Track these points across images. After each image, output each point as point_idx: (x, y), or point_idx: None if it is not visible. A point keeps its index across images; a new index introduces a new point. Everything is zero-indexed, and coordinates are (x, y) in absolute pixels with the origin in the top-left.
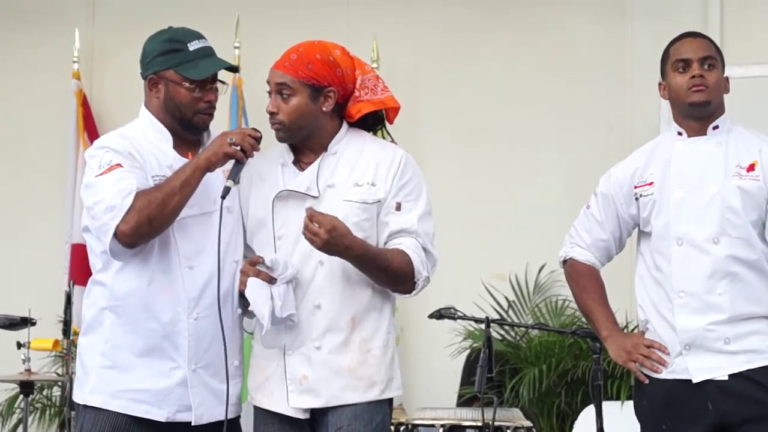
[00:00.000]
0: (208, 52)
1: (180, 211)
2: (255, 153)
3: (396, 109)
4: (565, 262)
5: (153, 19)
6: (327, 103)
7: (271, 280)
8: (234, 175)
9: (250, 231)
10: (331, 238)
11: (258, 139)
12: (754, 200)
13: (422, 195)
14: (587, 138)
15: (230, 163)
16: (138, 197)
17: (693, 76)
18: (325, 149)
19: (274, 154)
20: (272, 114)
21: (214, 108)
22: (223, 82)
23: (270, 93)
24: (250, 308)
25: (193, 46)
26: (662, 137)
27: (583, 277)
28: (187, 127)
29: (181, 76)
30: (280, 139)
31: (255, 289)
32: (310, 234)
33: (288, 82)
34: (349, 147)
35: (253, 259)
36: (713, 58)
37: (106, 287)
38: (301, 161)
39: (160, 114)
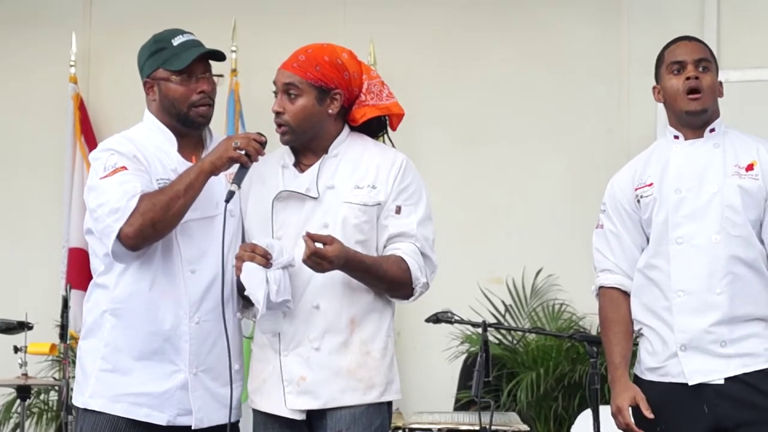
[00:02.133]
0: (192, 44)
1: (184, 215)
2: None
3: (400, 116)
4: (597, 294)
5: (150, 23)
6: (333, 105)
7: (267, 265)
8: (238, 180)
9: (249, 231)
10: (336, 259)
11: (263, 144)
12: (753, 199)
13: (422, 199)
14: (584, 142)
15: (234, 167)
16: (142, 200)
17: (688, 78)
18: (326, 151)
19: (275, 156)
20: (278, 114)
21: (211, 99)
22: (218, 75)
23: (276, 93)
24: (245, 293)
25: (177, 41)
26: (658, 142)
27: (606, 310)
28: (185, 123)
29: (168, 71)
30: (285, 141)
31: (250, 273)
32: (316, 257)
33: (296, 83)
34: (350, 149)
35: (248, 245)
36: (708, 61)
37: (107, 290)
38: (301, 163)
39: (160, 115)
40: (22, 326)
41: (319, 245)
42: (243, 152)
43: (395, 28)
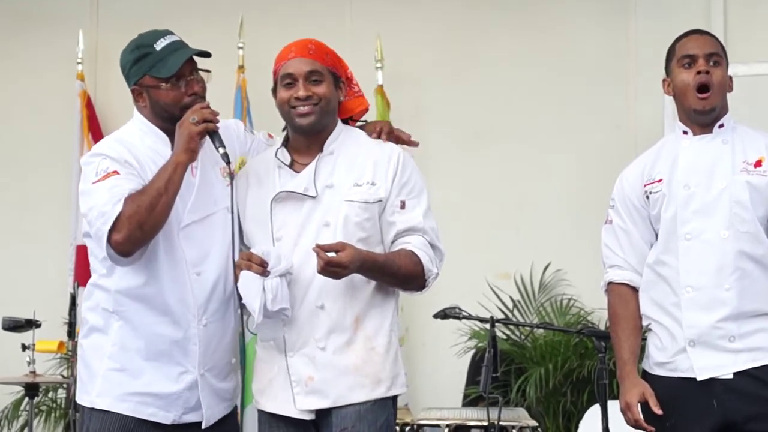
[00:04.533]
0: (176, 47)
1: (169, 212)
2: (248, 157)
3: (367, 109)
4: (606, 290)
5: (157, 20)
6: (341, 93)
7: (264, 273)
8: (220, 143)
9: (249, 233)
10: (351, 264)
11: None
12: (762, 195)
13: (423, 191)
14: (592, 137)
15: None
16: (126, 204)
17: (699, 72)
18: (321, 149)
19: (269, 156)
20: (308, 98)
21: (203, 98)
22: (205, 71)
23: (290, 84)
24: (243, 301)
25: (159, 45)
26: (667, 138)
27: (615, 306)
28: None
29: (156, 79)
30: (311, 125)
31: (247, 281)
32: (332, 267)
33: (318, 69)
34: (345, 146)
35: (245, 253)
36: (719, 55)
37: (110, 292)
38: (296, 162)
39: (153, 119)
40: (30, 324)
41: (331, 254)
42: (203, 123)
43: (402, 25)
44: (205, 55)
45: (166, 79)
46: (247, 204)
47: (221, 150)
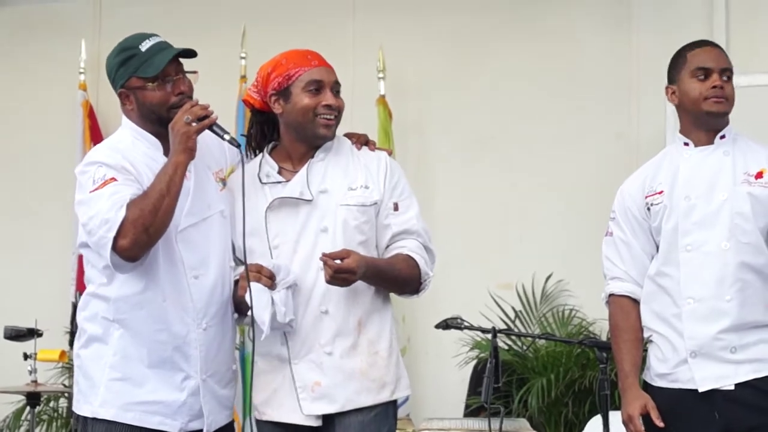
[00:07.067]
0: (161, 47)
1: (173, 213)
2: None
3: None
4: (607, 302)
5: (159, 30)
6: None
7: (272, 286)
8: (223, 131)
9: (240, 244)
10: (359, 269)
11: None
12: (763, 207)
13: (412, 193)
14: (594, 147)
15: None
16: (129, 209)
17: (714, 86)
18: (312, 155)
19: (251, 167)
20: (339, 108)
21: (190, 98)
22: (192, 72)
23: (316, 91)
24: (249, 313)
25: (144, 46)
26: (668, 149)
27: (616, 318)
28: (168, 126)
29: (142, 79)
30: (331, 136)
31: (256, 294)
32: (341, 275)
33: (338, 81)
34: (332, 151)
35: (254, 265)
36: (730, 71)
37: (109, 301)
38: (284, 170)
39: (141, 123)
40: (32, 333)
41: (337, 262)
42: (199, 120)
43: (405, 36)
44: (191, 54)
45: (152, 79)
46: (236, 217)
47: (227, 137)
